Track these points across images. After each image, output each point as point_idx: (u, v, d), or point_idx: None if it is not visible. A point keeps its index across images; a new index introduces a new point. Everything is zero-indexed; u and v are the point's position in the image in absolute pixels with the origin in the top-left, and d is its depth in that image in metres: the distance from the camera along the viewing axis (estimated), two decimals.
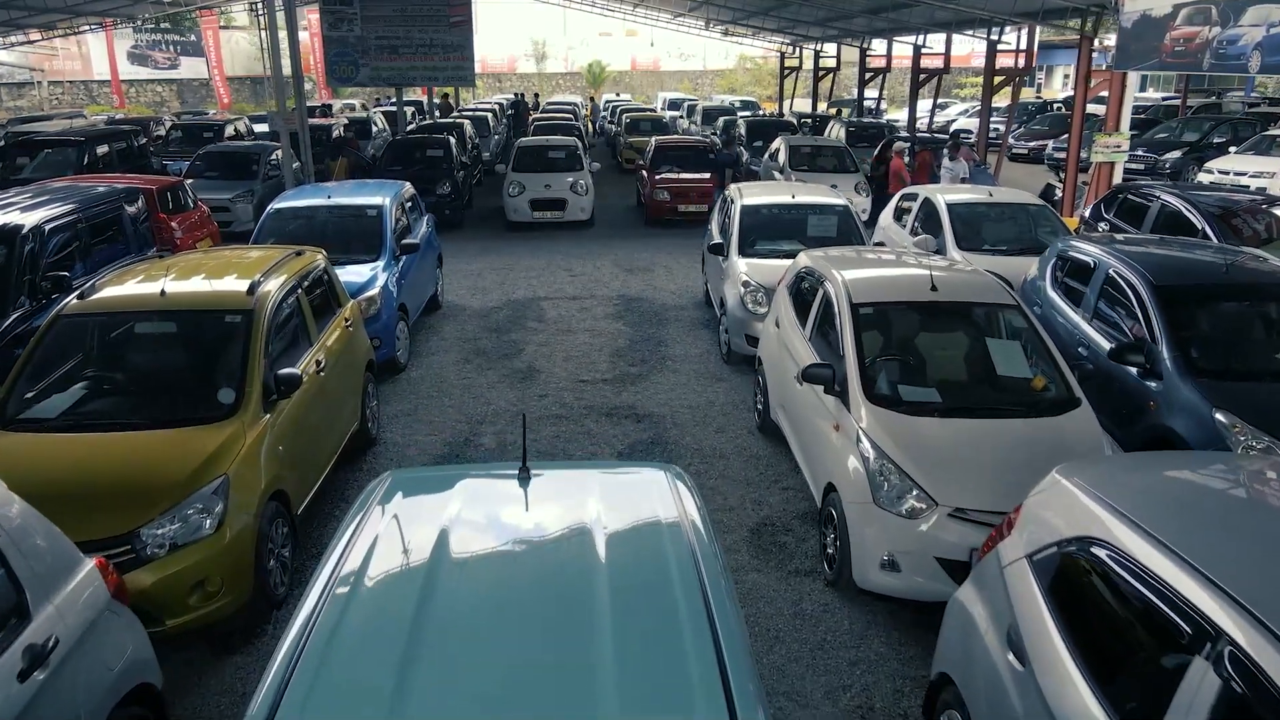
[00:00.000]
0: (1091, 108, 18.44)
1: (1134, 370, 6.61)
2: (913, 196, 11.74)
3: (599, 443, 7.94)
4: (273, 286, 6.32)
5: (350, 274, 9.21)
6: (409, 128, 25.28)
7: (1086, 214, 12.81)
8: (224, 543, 4.87)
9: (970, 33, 23.69)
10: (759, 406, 8.10)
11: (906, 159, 18.43)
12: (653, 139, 20.02)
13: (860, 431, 5.54)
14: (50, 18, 27.50)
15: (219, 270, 6.65)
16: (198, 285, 6.31)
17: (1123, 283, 7.18)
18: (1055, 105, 39.24)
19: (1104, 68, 17.47)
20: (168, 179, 13.83)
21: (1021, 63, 21.45)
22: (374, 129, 27.08)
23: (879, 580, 5.22)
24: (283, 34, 16.82)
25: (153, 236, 10.56)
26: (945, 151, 18.07)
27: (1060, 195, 17.87)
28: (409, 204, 11.26)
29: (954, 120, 35.97)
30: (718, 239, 10.78)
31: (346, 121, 24.53)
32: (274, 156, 18.16)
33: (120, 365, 5.97)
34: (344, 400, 7.11)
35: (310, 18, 36.01)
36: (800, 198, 10.61)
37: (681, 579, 2.81)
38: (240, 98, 41.94)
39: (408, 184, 11.70)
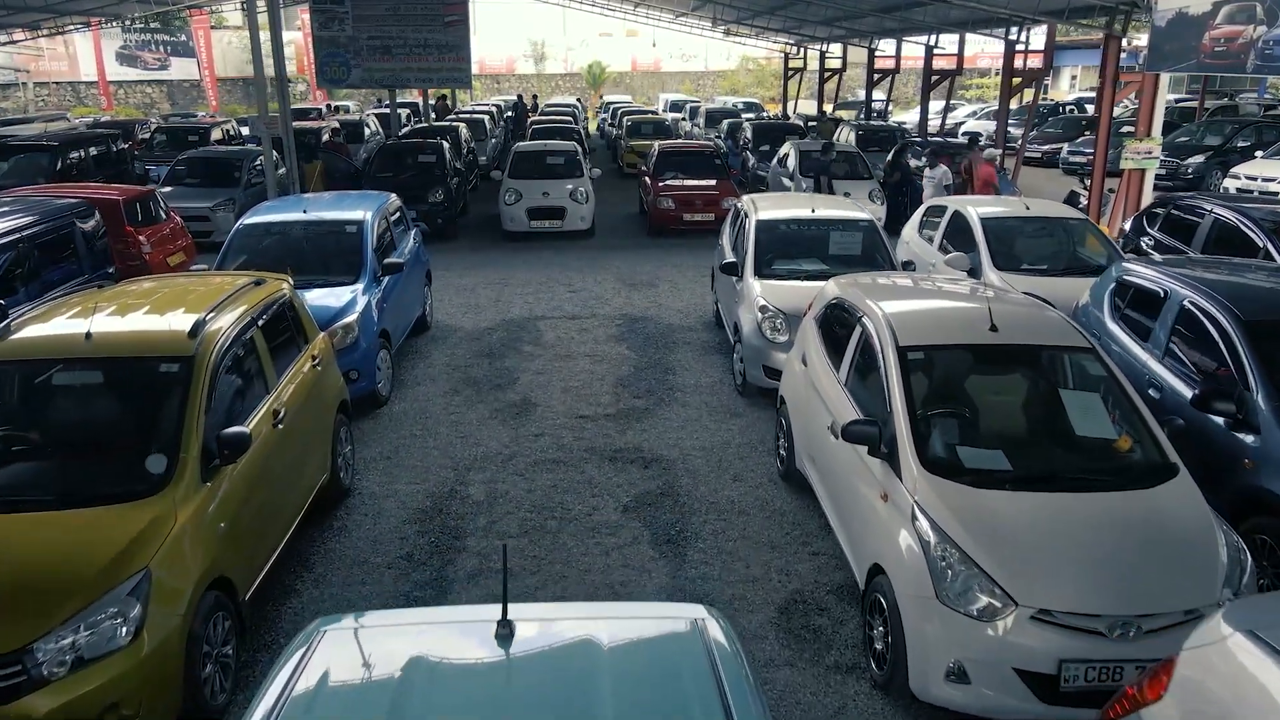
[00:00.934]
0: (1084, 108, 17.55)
1: (1222, 421, 5.70)
2: (940, 210, 10.82)
3: (601, 493, 7.03)
4: (223, 324, 5.41)
5: (326, 298, 8.31)
6: (403, 131, 24.40)
7: (1126, 227, 11.91)
8: (141, 654, 3.96)
9: (985, 32, 22.85)
10: (781, 452, 7.19)
11: (925, 164, 17.54)
12: (656, 143, 19.11)
13: (915, 506, 4.63)
14: (33, 17, 26.61)
15: (163, 305, 5.73)
16: (132, 325, 5.39)
17: (1201, 316, 6.26)
18: (1066, 107, 38.37)
19: (1134, 69, 16.59)
20: (137, 189, 12.91)
21: (1039, 63, 20.53)
22: (367, 132, 26.18)
23: (943, 693, 4.31)
24: (265, 34, 15.93)
25: (111, 255, 9.66)
26: (925, 159, 17.20)
27: (1085, 203, 16.98)
28: (395, 217, 10.36)
29: (962, 123, 35.08)
30: (730, 257, 9.87)
31: (336, 125, 23.59)
32: (258, 162, 17.27)
33: (34, 424, 5.03)
34: (309, 452, 6.20)
35: (303, 17, 35.12)
36: (821, 211, 9.70)
37: None
38: (233, 99, 41.01)
39: (393, 195, 10.79)
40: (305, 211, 9.28)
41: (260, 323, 5.88)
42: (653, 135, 26.19)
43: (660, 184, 17.25)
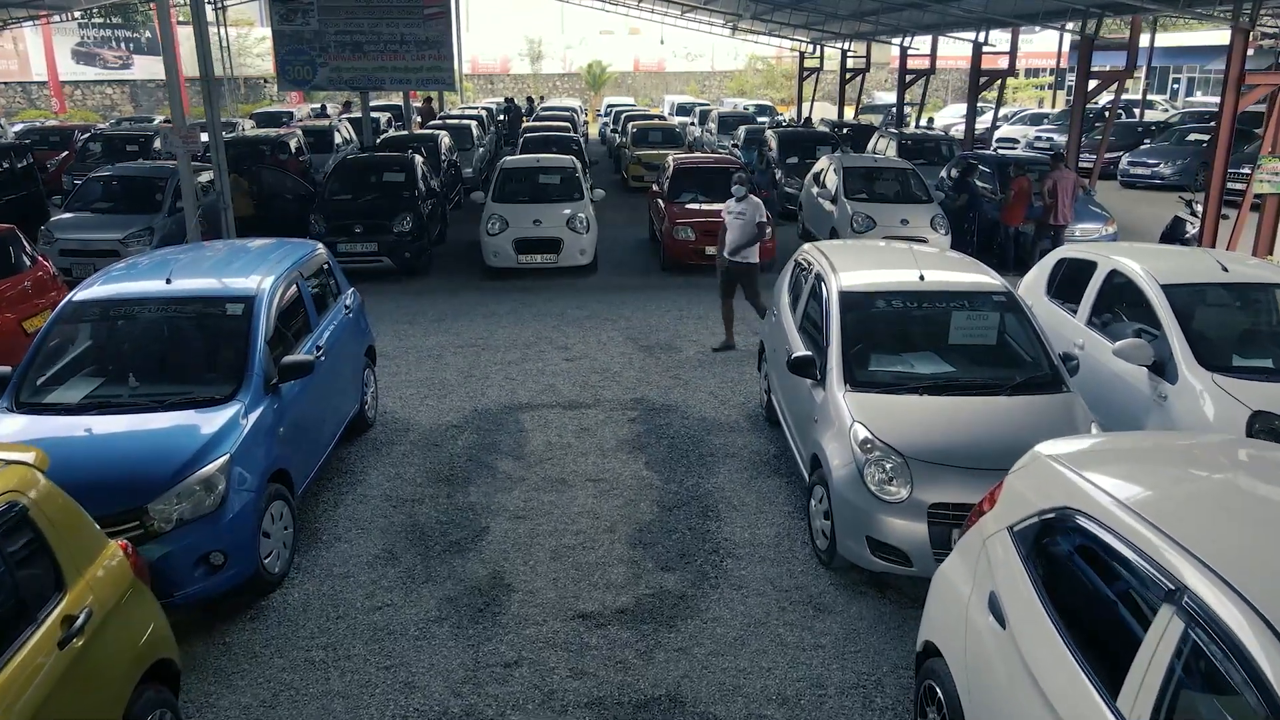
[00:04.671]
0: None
1: None
2: (1083, 266, 7.66)
3: None
4: None
5: (174, 431, 5.24)
6: (381, 138, 21.30)
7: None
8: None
9: (1038, 27, 19.85)
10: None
11: (982, 183, 14.46)
12: (670, 159, 16.00)
13: None
14: None
15: None
16: None
17: None
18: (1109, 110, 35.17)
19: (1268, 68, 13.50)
20: None
21: (1122, 63, 17.43)
22: (338, 139, 23.07)
23: None
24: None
25: None
26: (734, 187, 14.01)
27: (1192, 232, 13.89)
28: (314, 280, 7.26)
29: (996, 126, 31.92)
30: (798, 345, 6.77)
31: (298, 133, 20.50)
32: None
33: None
34: None
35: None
36: (932, 276, 6.57)
37: None
38: (201, 100, 37.61)
39: (319, 248, 7.69)
40: (169, 280, 6.17)
41: None
42: (661, 144, 23.14)
43: (676, 209, 14.16)
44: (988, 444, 5.34)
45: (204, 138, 13.62)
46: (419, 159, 15.29)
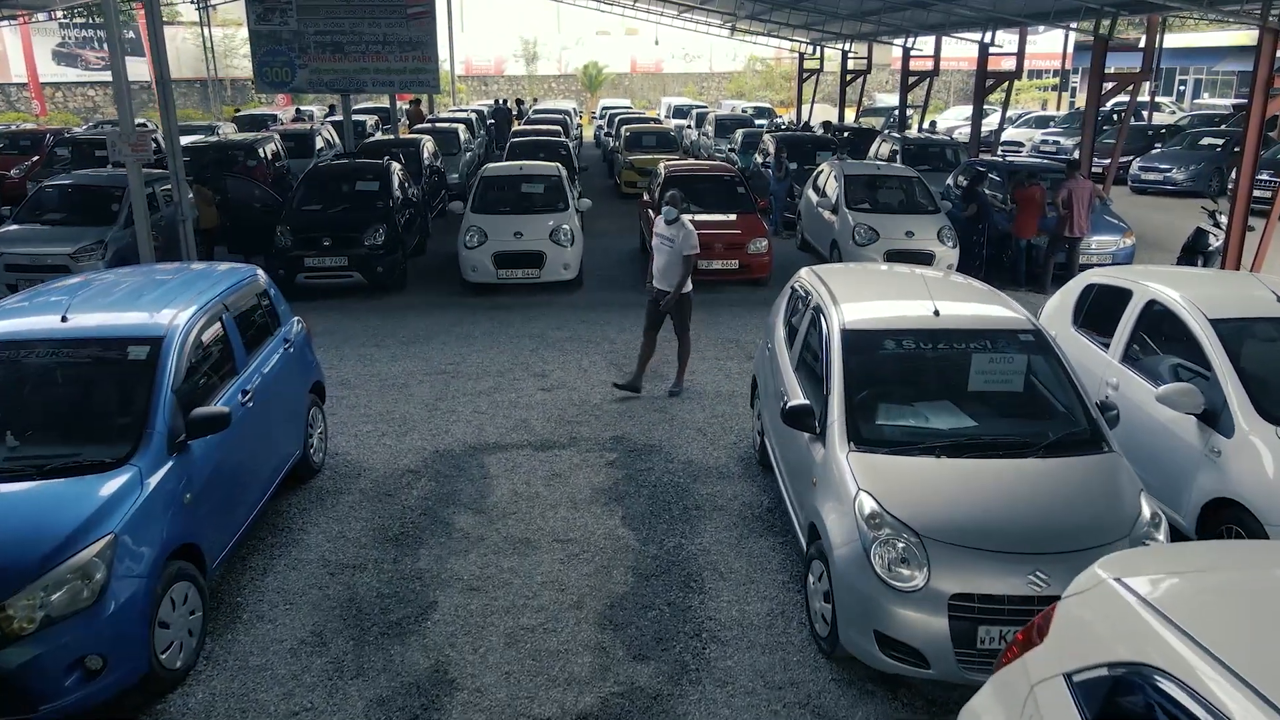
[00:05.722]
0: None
1: None
2: (1115, 294, 6.78)
3: None
4: None
5: (44, 503, 4.39)
6: (359, 145, 20.44)
7: None
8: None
9: (1042, 28, 19.03)
10: None
11: (992, 192, 13.59)
12: (661, 165, 15.16)
13: None
14: None
15: None
16: None
17: None
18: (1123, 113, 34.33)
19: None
20: None
21: (1133, 64, 16.61)
22: (320, 144, 22.23)
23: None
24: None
25: None
26: (665, 206, 13.34)
27: (1215, 244, 13.04)
28: (246, 312, 6.40)
29: (1000, 129, 31.04)
30: (794, 394, 5.91)
31: (276, 137, 19.65)
32: (150, 190, 13.32)
33: None
34: None
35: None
36: (949, 310, 5.71)
37: None
38: (189, 103, 36.88)
39: (257, 274, 6.84)
40: (65, 318, 5.32)
41: None
42: (656, 149, 22.30)
43: None
44: (1020, 521, 4.49)
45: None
46: (396, 166, 14.42)
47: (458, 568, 5.87)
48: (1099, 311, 7.05)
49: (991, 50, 21.04)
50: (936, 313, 5.66)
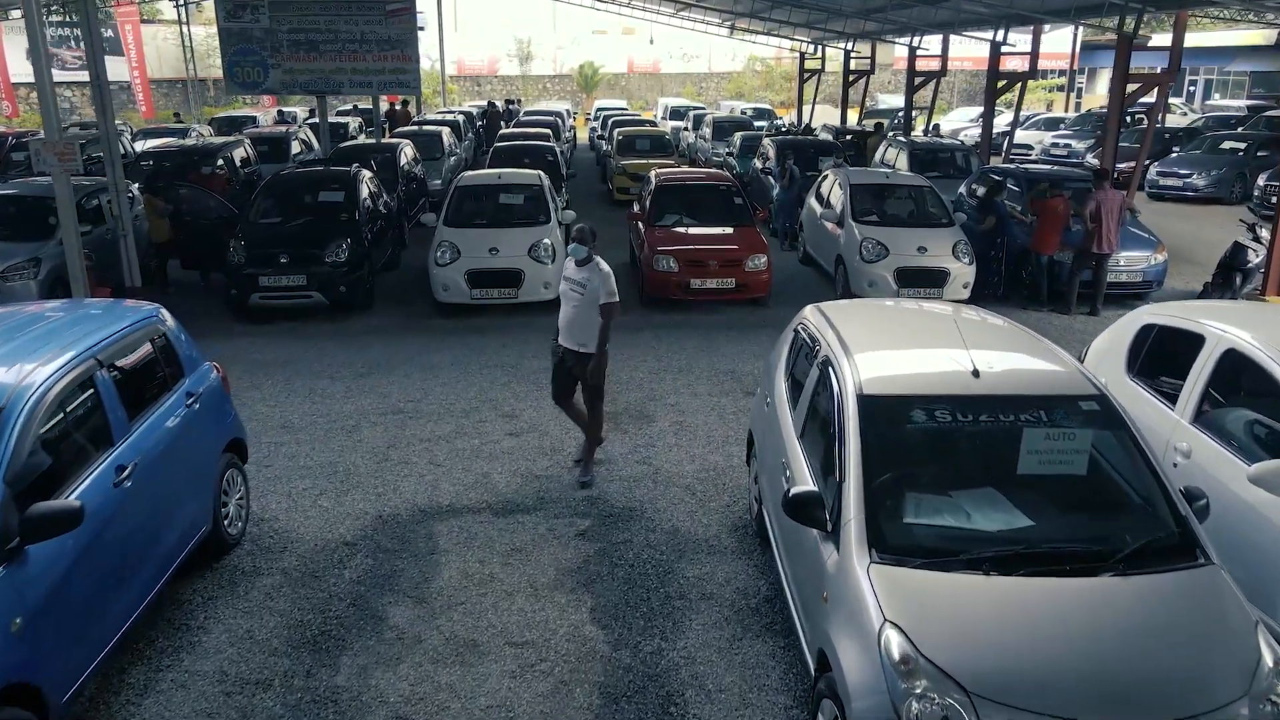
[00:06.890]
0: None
1: None
2: (1187, 339, 5.62)
3: None
4: None
5: None
6: (337, 148, 19.32)
7: None
8: None
9: (1048, 26, 17.94)
10: None
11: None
12: (652, 173, 14.05)
13: None
14: None
15: None
16: None
17: None
18: (1134, 115, 33.19)
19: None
20: None
21: (1152, 64, 15.50)
22: (297, 148, 21.11)
23: None
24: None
25: None
26: (573, 242, 12.19)
27: (1255, 261, 11.96)
28: (132, 365, 5.29)
29: (1008, 133, 29.91)
30: (801, 468, 4.80)
31: (246, 141, 18.55)
32: (95, 202, 12.24)
33: None
34: None
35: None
36: (990, 367, 4.60)
37: None
38: (170, 103, 35.79)
39: (160, 313, 5.72)
40: None
41: None
42: (650, 153, 21.15)
43: (658, 234, 12.22)
44: (1103, 674, 3.37)
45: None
46: (365, 174, 13.32)
47: (384, 684, 4.76)
48: (1159, 357, 5.94)
49: (1003, 50, 19.97)
50: (976, 373, 4.54)
